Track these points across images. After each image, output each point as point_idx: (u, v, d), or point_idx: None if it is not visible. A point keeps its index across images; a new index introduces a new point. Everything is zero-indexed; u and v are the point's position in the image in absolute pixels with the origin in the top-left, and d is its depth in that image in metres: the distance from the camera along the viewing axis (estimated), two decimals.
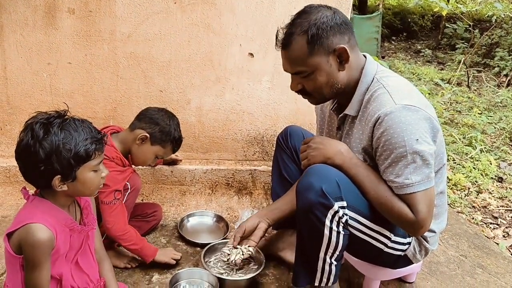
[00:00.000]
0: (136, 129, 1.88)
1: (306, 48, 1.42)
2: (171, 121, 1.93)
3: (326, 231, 1.46)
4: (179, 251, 2.03)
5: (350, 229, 1.49)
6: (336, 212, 1.44)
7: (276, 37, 1.50)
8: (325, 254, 1.51)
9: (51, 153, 1.20)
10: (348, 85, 1.53)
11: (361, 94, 1.53)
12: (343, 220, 1.46)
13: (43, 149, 1.19)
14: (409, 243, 1.60)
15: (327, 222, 1.45)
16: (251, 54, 2.46)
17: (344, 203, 1.44)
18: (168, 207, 2.43)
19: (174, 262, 1.90)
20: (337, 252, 1.51)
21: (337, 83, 1.50)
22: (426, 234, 1.61)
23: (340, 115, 1.62)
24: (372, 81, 1.51)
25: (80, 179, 1.27)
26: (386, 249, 1.56)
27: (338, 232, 1.47)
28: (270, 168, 2.09)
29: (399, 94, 1.43)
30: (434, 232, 1.63)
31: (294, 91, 1.56)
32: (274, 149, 2.08)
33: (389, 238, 1.54)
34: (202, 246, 2.00)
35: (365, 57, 1.57)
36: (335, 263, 1.54)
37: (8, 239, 1.25)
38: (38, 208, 1.27)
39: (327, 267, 1.54)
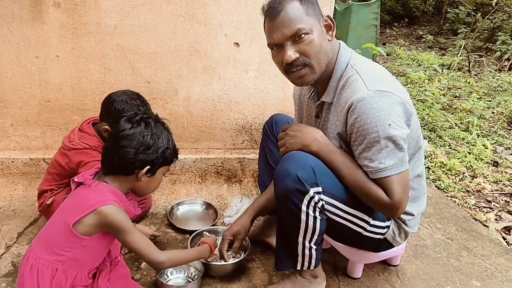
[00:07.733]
0: (102, 121, 1.88)
1: (301, 7, 1.45)
2: (138, 107, 1.86)
3: (303, 217, 1.49)
4: (168, 238, 2.07)
5: (327, 213, 1.52)
6: (312, 197, 1.46)
7: (266, 8, 1.49)
8: (304, 238, 1.54)
9: (157, 146, 1.40)
10: (327, 68, 1.53)
11: (336, 81, 1.54)
12: (319, 205, 1.48)
13: (153, 139, 1.39)
14: (388, 227, 1.62)
15: (304, 208, 1.48)
16: (237, 44, 2.46)
17: (320, 189, 1.47)
18: (158, 196, 2.47)
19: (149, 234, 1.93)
20: (315, 237, 1.54)
21: (327, 52, 1.51)
22: (405, 217, 1.63)
23: (317, 103, 1.64)
24: (346, 67, 1.52)
25: (156, 177, 1.46)
26: (365, 233, 1.59)
27: (315, 217, 1.50)
28: None
29: (372, 80, 1.44)
30: (413, 215, 1.65)
31: (290, 61, 1.46)
32: None
33: (367, 222, 1.57)
34: (191, 233, 2.03)
35: (339, 44, 1.58)
36: (314, 247, 1.57)
37: (72, 224, 1.33)
38: (105, 191, 1.38)
39: (307, 252, 1.57)
